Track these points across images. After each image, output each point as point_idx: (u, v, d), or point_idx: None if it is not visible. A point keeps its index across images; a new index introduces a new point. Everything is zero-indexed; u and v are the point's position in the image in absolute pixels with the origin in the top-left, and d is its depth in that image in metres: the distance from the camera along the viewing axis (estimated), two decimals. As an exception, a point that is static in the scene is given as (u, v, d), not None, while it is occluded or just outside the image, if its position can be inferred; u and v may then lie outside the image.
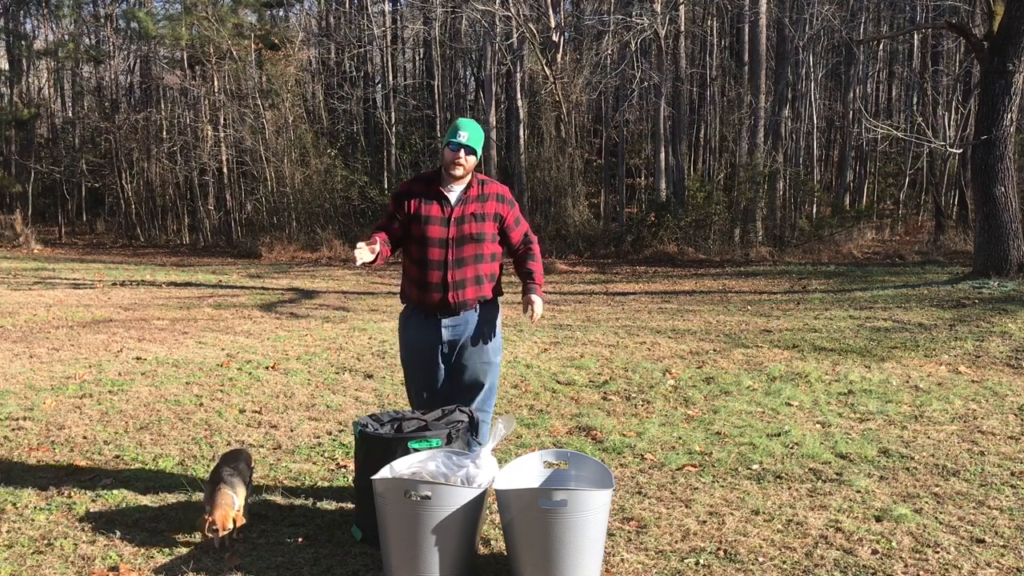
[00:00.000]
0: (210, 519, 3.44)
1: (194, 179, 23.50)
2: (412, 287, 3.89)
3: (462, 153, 3.75)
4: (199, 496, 4.13)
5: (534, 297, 3.90)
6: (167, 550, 3.53)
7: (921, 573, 3.32)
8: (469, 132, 3.77)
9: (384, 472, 3.36)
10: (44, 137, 28.79)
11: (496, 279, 3.97)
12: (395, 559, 3.23)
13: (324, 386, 6.45)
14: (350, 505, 3.98)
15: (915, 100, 23.72)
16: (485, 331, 3.90)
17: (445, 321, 3.84)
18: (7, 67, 27.33)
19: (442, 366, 3.94)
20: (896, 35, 23.33)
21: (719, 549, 3.53)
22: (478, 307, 3.89)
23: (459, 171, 3.78)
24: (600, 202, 22.32)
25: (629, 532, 3.71)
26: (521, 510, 3.13)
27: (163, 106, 25.22)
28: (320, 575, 3.35)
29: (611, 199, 22.25)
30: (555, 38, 19.79)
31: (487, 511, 3.62)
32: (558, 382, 6.57)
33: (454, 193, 3.83)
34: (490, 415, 4.04)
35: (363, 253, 3.59)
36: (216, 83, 22.77)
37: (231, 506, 3.51)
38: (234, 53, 22.20)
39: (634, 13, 20.24)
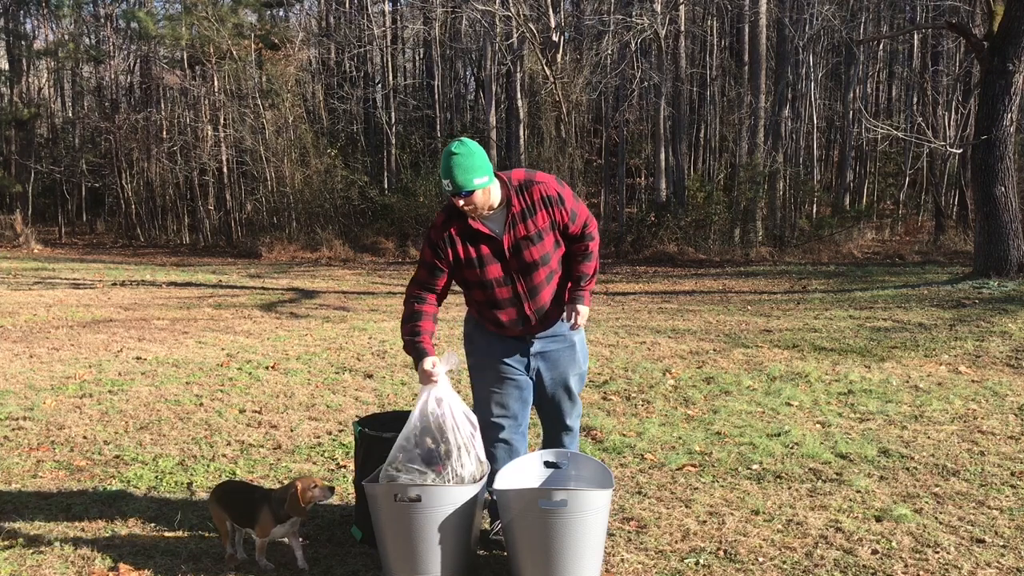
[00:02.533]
0: (309, 482, 3.32)
1: (194, 179, 23.51)
2: (486, 322, 3.42)
3: (461, 202, 3.20)
4: (198, 496, 4.13)
5: (580, 306, 3.42)
6: (167, 550, 3.53)
7: (921, 573, 3.32)
8: (453, 177, 3.13)
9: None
10: (44, 137, 28.80)
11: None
12: (393, 560, 3.23)
13: (324, 386, 6.45)
14: (350, 505, 3.98)
15: (915, 100, 23.72)
16: (576, 340, 3.55)
17: (535, 344, 3.46)
18: (7, 67, 27.35)
19: (525, 381, 3.50)
20: (896, 35, 23.33)
21: (719, 549, 3.53)
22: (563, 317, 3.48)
23: (474, 212, 3.24)
24: (600, 202, 22.32)
25: (629, 532, 3.71)
26: (521, 510, 3.13)
27: (163, 106, 25.23)
28: (320, 575, 3.35)
29: (611, 199, 22.25)
30: (555, 38, 19.79)
31: (484, 509, 3.61)
32: (558, 382, 6.57)
33: (496, 221, 3.29)
34: (579, 422, 3.75)
35: (436, 370, 3.23)
36: (216, 83, 22.77)
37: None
38: (234, 53, 22.20)
39: (634, 13, 20.24)
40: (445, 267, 3.32)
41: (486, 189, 3.21)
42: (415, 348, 3.31)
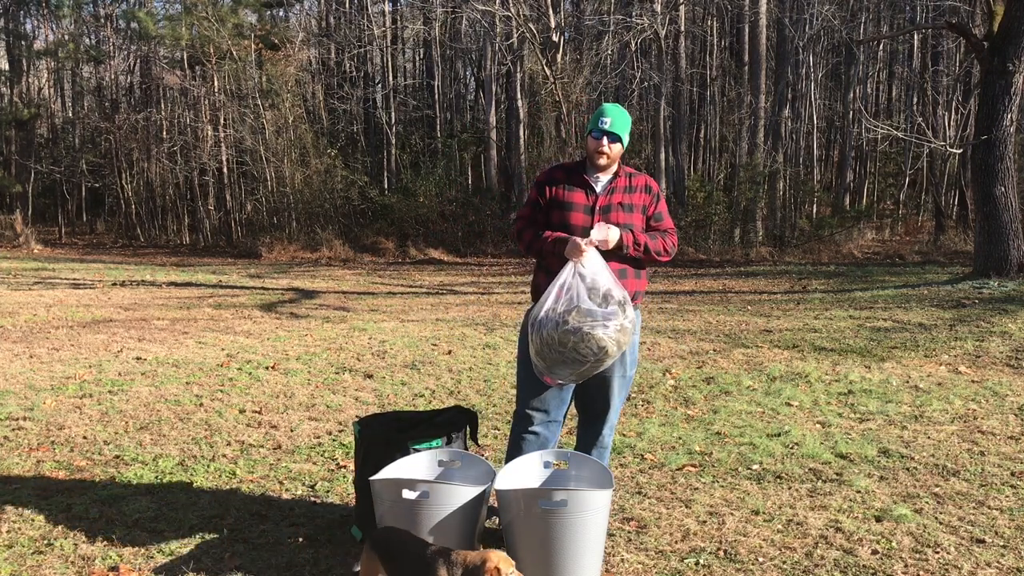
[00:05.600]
0: (507, 564, 2.80)
1: (194, 179, 23.53)
2: (549, 280, 3.45)
3: (605, 141, 3.49)
4: (199, 496, 4.13)
5: (613, 227, 3.43)
6: (167, 550, 3.52)
7: (921, 573, 3.32)
8: (613, 118, 3.50)
9: (382, 472, 3.36)
10: (44, 137, 28.83)
11: (642, 276, 3.64)
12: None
13: (324, 386, 6.45)
14: (350, 505, 3.98)
15: (915, 100, 23.74)
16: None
17: None
18: (7, 67, 27.38)
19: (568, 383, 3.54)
20: (896, 35, 23.34)
21: (719, 549, 3.53)
22: None
23: (603, 160, 3.52)
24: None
25: (629, 532, 3.71)
26: (521, 510, 3.13)
27: (163, 106, 25.25)
28: (320, 575, 3.35)
29: (611, 199, 22.25)
30: (555, 38, 19.80)
31: (486, 510, 3.61)
32: (558, 382, 6.56)
33: (600, 182, 3.57)
34: (612, 435, 3.78)
35: (585, 241, 3.34)
36: (216, 83, 22.78)
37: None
38: (234, 53, 22.22)
39: (634, 13, 20.25)
40: (543, 203, 3.58)
41: (621, 150, 3.57)
42: (557, 239, 3.47)
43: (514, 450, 3.65)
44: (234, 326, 9.27)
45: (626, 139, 3.56)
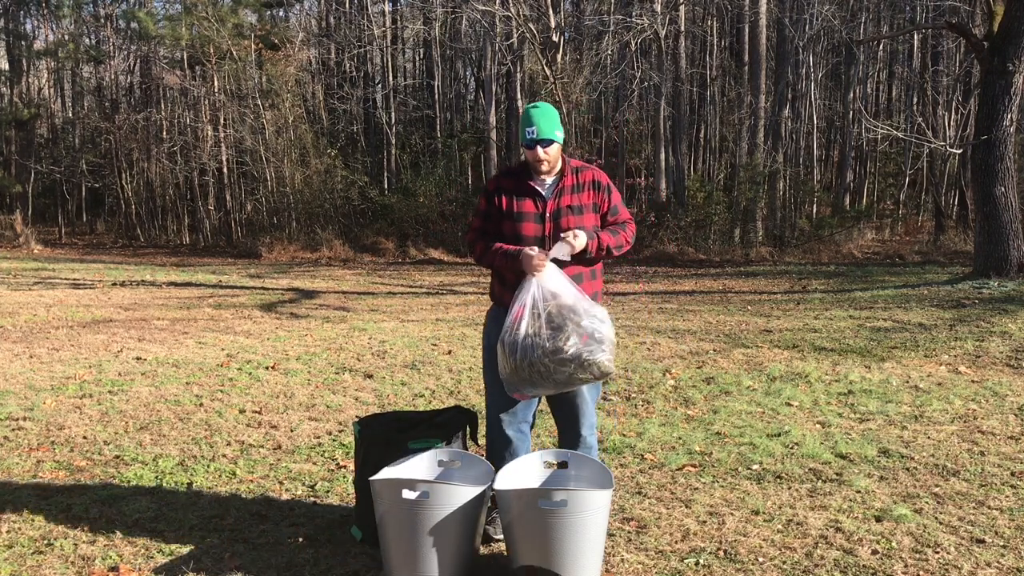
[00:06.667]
0: None
1: (194, 179, 23.53)
2: (506, 290, 3.48)
3: (539, 149, 3.43)
4: (199, 496, 4.13)
5: (580, 232, 3.39)
6: (167, 550, 3.52)
7: (921, 573, 3.32)
8: (538, 124, 3.41)
9: (382, 472, 3.36)
10: (44, 137, 28.83)
11: (597, 276, 3.62)
12: (395, 559, 3.22)
13: (324, 386, 6.45)
14: (350, 505, 3.99)
15: (915, 100, 23.73)
16: None
17: None
18: (7, 67, 27.38)
19: None
20: (896, 35, 23.34)
21: (719, 549, 3.53)
22: None
23: (544, 166, 3.47)
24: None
25: (629, 532, 3.71)
26: (521, 510, 3.13)
27: (163, 106, 25.25)
28: (320, 575, 3.35)
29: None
30: (555, 38, 19.79)
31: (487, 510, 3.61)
32: (558, 382, 6.55)
33: (546, 186, 3.51)
34: (594, 433, 3.70)
35: (543, 255, 3.31)
36: (216, 83, 22.78)
37: None
38: (234, 53, 22.22)
39: (634, 13, 20.24)
40: (493, 214, 3.53)
41: (559, 146, 3.50)
42: (506, 253, 3.43)
43: (489, 454, 3.65)
44: (234, 326, 9.27)
45: (560, 136, 3.47)
